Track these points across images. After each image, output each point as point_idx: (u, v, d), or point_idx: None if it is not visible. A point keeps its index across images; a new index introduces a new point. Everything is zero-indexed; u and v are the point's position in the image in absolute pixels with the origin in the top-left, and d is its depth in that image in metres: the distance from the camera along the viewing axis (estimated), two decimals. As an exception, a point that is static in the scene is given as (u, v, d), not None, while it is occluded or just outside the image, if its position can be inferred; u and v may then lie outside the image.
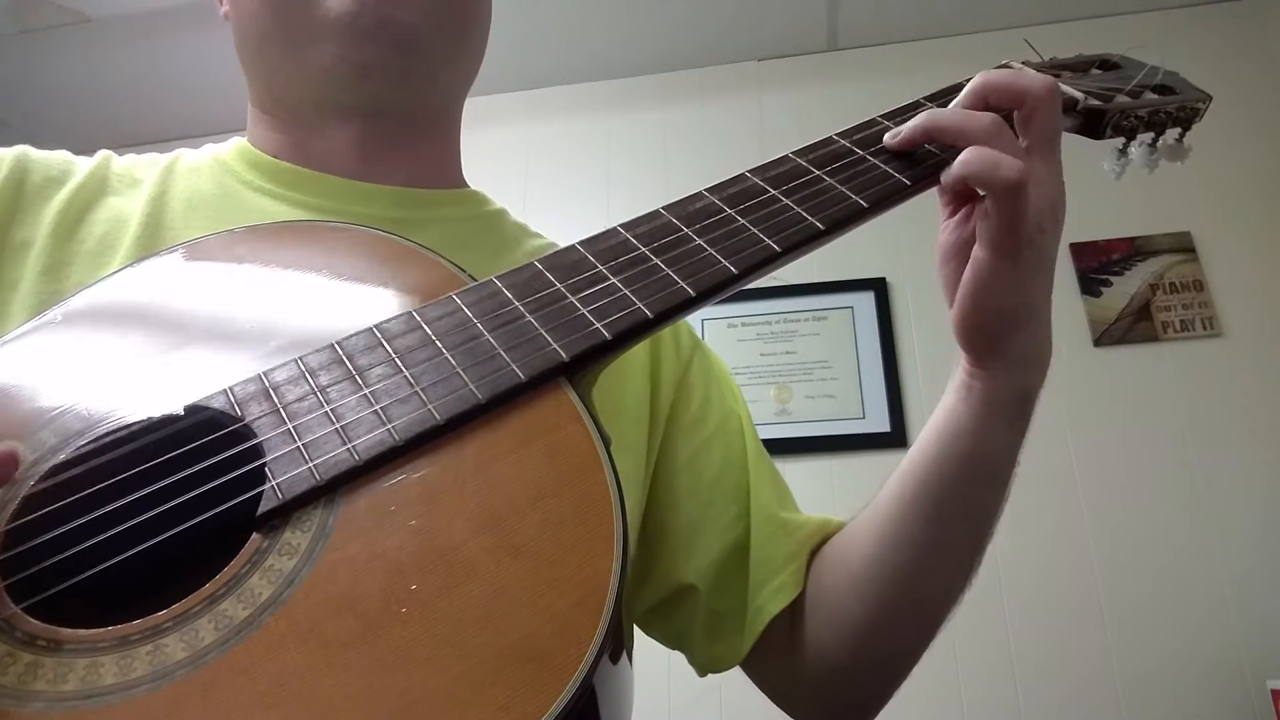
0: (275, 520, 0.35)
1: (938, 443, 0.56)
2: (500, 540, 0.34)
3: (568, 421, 0.39)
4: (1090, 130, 0.60)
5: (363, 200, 0.59)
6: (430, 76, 0.61)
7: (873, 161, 0.51)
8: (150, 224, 0.55)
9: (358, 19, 0.56)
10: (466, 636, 0.31)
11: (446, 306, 0.43)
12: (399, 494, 0.36)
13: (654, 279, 0.44)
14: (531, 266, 0.46)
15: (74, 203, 0.55)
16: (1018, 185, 0.46)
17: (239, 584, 0.33)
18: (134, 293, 0.46)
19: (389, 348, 0.41)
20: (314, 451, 0.37)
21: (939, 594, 0.58)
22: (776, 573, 0.61)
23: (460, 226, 0.63)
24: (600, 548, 0.34)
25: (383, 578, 0.33)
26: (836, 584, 0.60)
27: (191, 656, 0.31)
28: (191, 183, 0.59)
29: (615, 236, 0.47)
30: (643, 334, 0.43)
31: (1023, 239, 0.48)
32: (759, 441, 0.67)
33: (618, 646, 0.34)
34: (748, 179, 0.51)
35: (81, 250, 0.53)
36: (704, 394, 0.66)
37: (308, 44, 0.57)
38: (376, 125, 0.60)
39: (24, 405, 0.39)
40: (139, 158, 0.62)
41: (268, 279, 0.47)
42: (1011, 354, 0.52)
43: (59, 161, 0.58)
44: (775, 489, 0.65)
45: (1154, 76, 0.63)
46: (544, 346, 0.41)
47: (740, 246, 0.46)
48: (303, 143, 0.60)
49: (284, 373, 0.40)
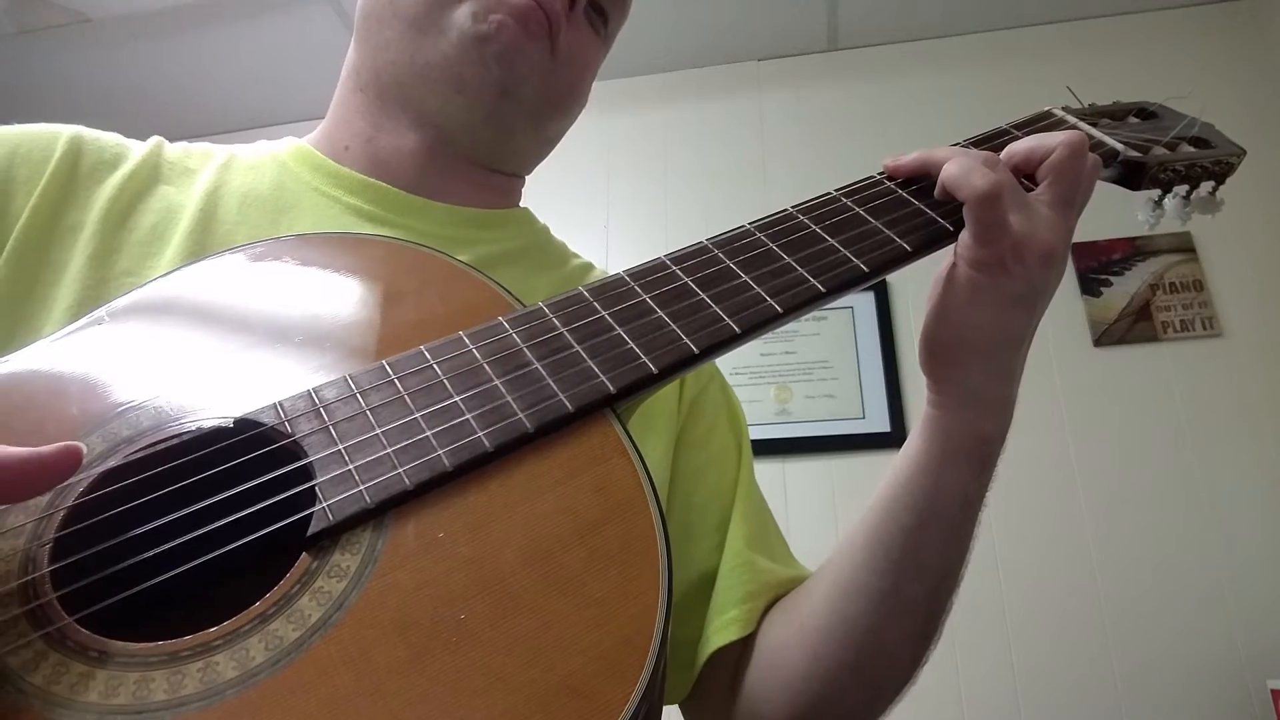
0: (325, 541, 0.35)
1: (893, 486, 0.54)
2: (547, 574, 0.34)
3: (614, 454, 0.39)
4: (1128, 182, 0.60)
5: (417, 214, 0.59)
6: (509, 130, 0.61)
7: (916, 205, 0.51)
8: (203, 218, 0.54)
9: (485, 43, 0.56)
10: (514, 670, 0.31)
11: (495, 332, 0.43)
12: (448, 520, 0.36)
13: (700, 315, 0.45)
14: (580, 295, 0.46)
15: (126, 189, 0.55)
16: (989, 195, 0.47)
17: (289, 604, 0.33)
18: (186, 296, 0.46)
19: (438, 370, 0.41)
20: (365, 474, 0.37)
21: (886, 657, 0.54)
22: (728, 608, 0.59)
23: (509, 245, 0.63)
24: (645, 587, 0.34)
25: (431, 606, 0.33)
26: (782, 634, 0.57)
27: (242, 676, 0.31)
28: (248, 180, 0.58)
29: (662, 269, 0.47)
30: (688, 368, 0.43)
31: (997, 257, 0.48)
32: (754, 482, 0.66)
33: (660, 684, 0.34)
34: (793, 215, 0.51)
35: (131, 239, 0.53)
36: (711, 420, 0.66)
37: (429, 36, 0.58)
38: (445, 145, 0.61)
39: (74, 406, 0.39)
40: (192, 146, 0.61)
41: (318, 290, 0.47)
42: (969, 386, 0.51)
43: (112, 144, 0.57)
44: (760, 529, 0.63)
45: (1191, 128, 0.63)
46: (592, 378, 0.41)
47: (786, 285, 0.46)
48: (374, 137, 0.61)
49: (334, 391, 0.40)
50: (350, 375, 0.41)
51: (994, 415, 0.52)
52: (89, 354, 0.42)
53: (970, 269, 0.49)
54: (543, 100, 0.61)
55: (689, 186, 2.31)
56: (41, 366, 0.41)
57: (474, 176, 0.63)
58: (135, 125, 0.63)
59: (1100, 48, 2.22)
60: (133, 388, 0.40)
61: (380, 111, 0.61)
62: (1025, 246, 0.48)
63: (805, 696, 0.55)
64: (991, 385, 0.51)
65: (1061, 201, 0.50)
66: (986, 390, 0.51)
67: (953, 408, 0.52)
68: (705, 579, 0.60)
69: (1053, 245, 0.49)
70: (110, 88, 2.44)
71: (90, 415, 0.39)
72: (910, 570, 0.53)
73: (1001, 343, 0.50)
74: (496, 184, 0.65)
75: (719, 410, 0.67)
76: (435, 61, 0.58)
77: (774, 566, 0.61)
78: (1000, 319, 0.49)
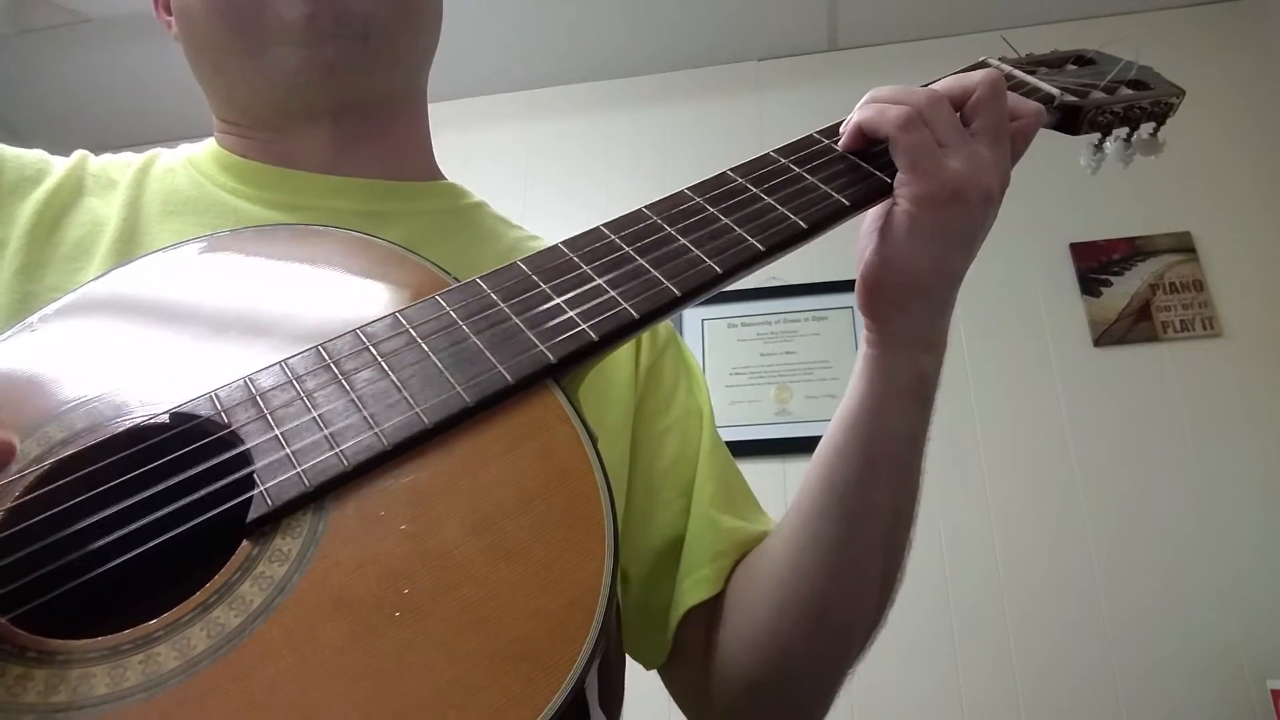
0: (265, 527, 0.35)
1: (838, 434, 0.55)
2: (492, 543, 0.34)
3: (556, 422, 0.39)
4: (1067, 126, 0.61)
5: (335, 195, 0.59)
6: (393, 61, 0.61)
7: (853, 159, 0.52)
8: (126, 228, 0.54)
9: (314, 19, 0.55)
10: (460, 640, 0.31)
11: (431, 309, 0.43)
12: (388, 499, 0.36)
13: (639, 279, 0.44)
14: (515, 267, 0.45)
15: (51, 203, 0.54)
16: (907, 120, 0.48)
17: (230, 591, 0.33)
18: (116, 297, 0.46)
19: (374, 351, 0.41)
20: (302, 458, 0.37)
21: (850, 601, 0.55)
22: (696, 569, 0.59)
23: (435, 220, 0.62)
24: (591, 549, 0.34)
25: (375, 582, 0.33)
26: (748, 590, 0.58)
27: (184, 665, 0.31)
28: (167, 184, 0.58)
29: (600, 237, 0.47)
30: (629, 334, 0.43)
31: (936, 193, 0.48)
32: (719, 441, 0.66)
33: (610, 645, 0.34)
34: (730, 178, 0.51)
35: (58, 254, 0.53)
36: (672, 384, 0.66)
37: (268, 50, 0.57)
38: (344, 121, 0.60)
39: (4, 413, 0.39)
40: (114, 158, 0.61)
41: (249, 283, 0.46)
42: (909, 325, 0.52)
43: (33, 160, 0.57)
44: (724, 489, 0.64)
45: (1128, 72, 0.64)
46: (530, 348, 0.41)
47: (725, 246, 0.46)
48: (271, 145, 0.60)
49: (269, 378, 0.40)
50: (285, 361, 0.41)
51: (932, 351, 0.53)
52: (20, 361, 0.42)
53: (911, 206, 0.49)
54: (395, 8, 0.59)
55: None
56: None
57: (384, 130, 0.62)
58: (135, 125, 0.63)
59: (1100, 48, 2.22)
60: (66, 391, 0.40)
61: (267, 127, 0.60)
62: (967, 184, 0.48)
63: (774, 651, 0.56)
64: (929, 323, 0.53)
65: (993, 138, 0.51)
66: (925, 328, 0.53)
67: (893, 348, 0.53)
68: (673, 543, 0.61)
69: (989, 182, 0.50)
70: (110, 88, 2.44)
71: (23, 420, 0.39)
72: (863, 513, 0.54)
73: (941, 281, 0.52)
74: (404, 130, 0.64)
75: (678, 375, 0.67)
76: (294, 67, 0.57)
77: (740, 524, 0.62)
78: (940, 258, 0.51)
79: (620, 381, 0.62)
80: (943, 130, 0.50)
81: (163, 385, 0.40)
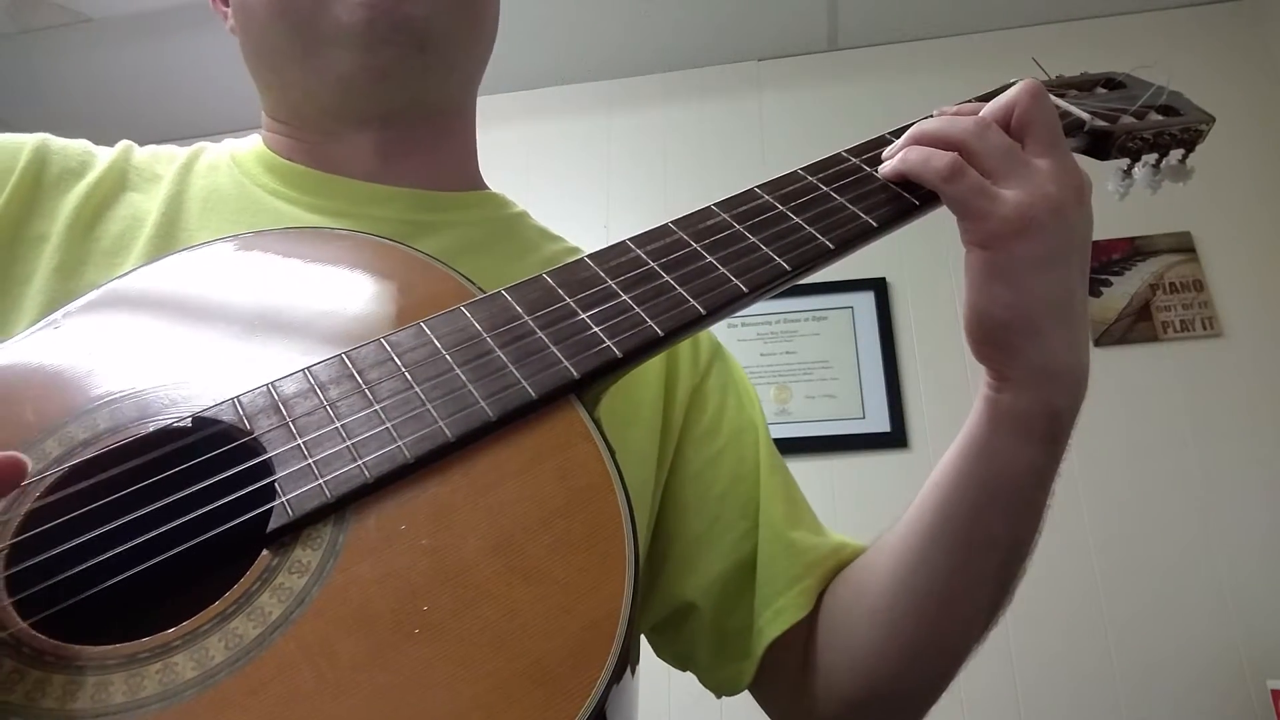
0: (285, 537, 0.35)
1: (959, 463, 0.52)
2: (511, 562, 0.34)
3: (578, 440, 0.38)
4: (1096, 151, 0.60)
5: (378, 203, 0.58)
6: (448, 70, 0.60)
7: (882, 180, 0.51)
8: (165, 224, 0.54)
9: (373, 24, 0.54)
10: (478, 660, 0.31)
11: (456, 320, 0.43)
12: (410, 512, 0.35)
13: (665, 297, 0.44)
14: (541, 280, 0.45)
15: (92, 197, 0.54)
16: (951, 172, 0.47)
17: (249, 602, 0.33)
18: (142, 296, 0.45)
19: (398, 361, 0.41)
20: (324, 468, 0.36)
21: (960, 631, 0.54)
22: (779, 594, 0.58)
23: (477, 230, 0.61)
24: (612, 571, 0.34)
25: (394, 598, 0.33)
26: (851, 611, 0.57)
27: (201, 676, 0.31)
28: (209, 182, 0.58)
29: (626, 252, 0.47)
30: (653, 351, 0.43)
31: (997, 230, 0.46)
32: (776, 455, 0.64)
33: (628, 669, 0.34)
34: (758, 195, 0.50)
35: (97, 249, 0.52)
36: (719, 403, 0.64)
37: (323, 53, 0.56)
38: (393, 128, 0.60)
39: (29, 412, 0.39)
40: (160, 150, 0.61)
41: (273, 285, 0.46)
42: (1030, 364, 0.48)
43: (78, 152, 0.57)
44: (788, 505, 0.62)
45: (1159, 97, 0.62)
46: (555, 364, 0.41)
47: (751, 265, 0.46)
48: (318, 148, 0.60)
49: (293, 384, 0.40)
50: (309, 369, 0.40)
51: (1064, 388, 0.49)
52: (45, 357, 0.42)
53: (980, 249, 0.47)
54: (453, 17, 0.58)
55: (689, 186, 2.31)
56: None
57: (432, 139, 0.62)
58: (135, 125, 0.63)
59: (1100, 48, 2.22)
60: (91, 389, 0.40)
61: (314, 134, 0.60)
62: (1030, 209, 0.46)
63: (883, 669, 0.55)
64: (1052, 357, 0.48)
65: (1048, 145, 0.49)
66: (1049, 363, 0.48)
67: (1014, 387, 0.49)
68: (742, 567, 0.59)
69: (1059, 195, 0.47)
70: (110, 88, 2.44)
71: (47, 419, 0.39)
72: (981, 545, 0.52)
73: (1043, 311, 0.47)
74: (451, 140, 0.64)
75: (726, 392, 0.65)
76: (348, 70, 0.56)
77: (815, 541, 0.61)
78: (1032, 289, 0.47)
79: (648, 401, 0.61)
80: (993, 160, 0.48)
81: (186, 387, 0.40)
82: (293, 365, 0.41)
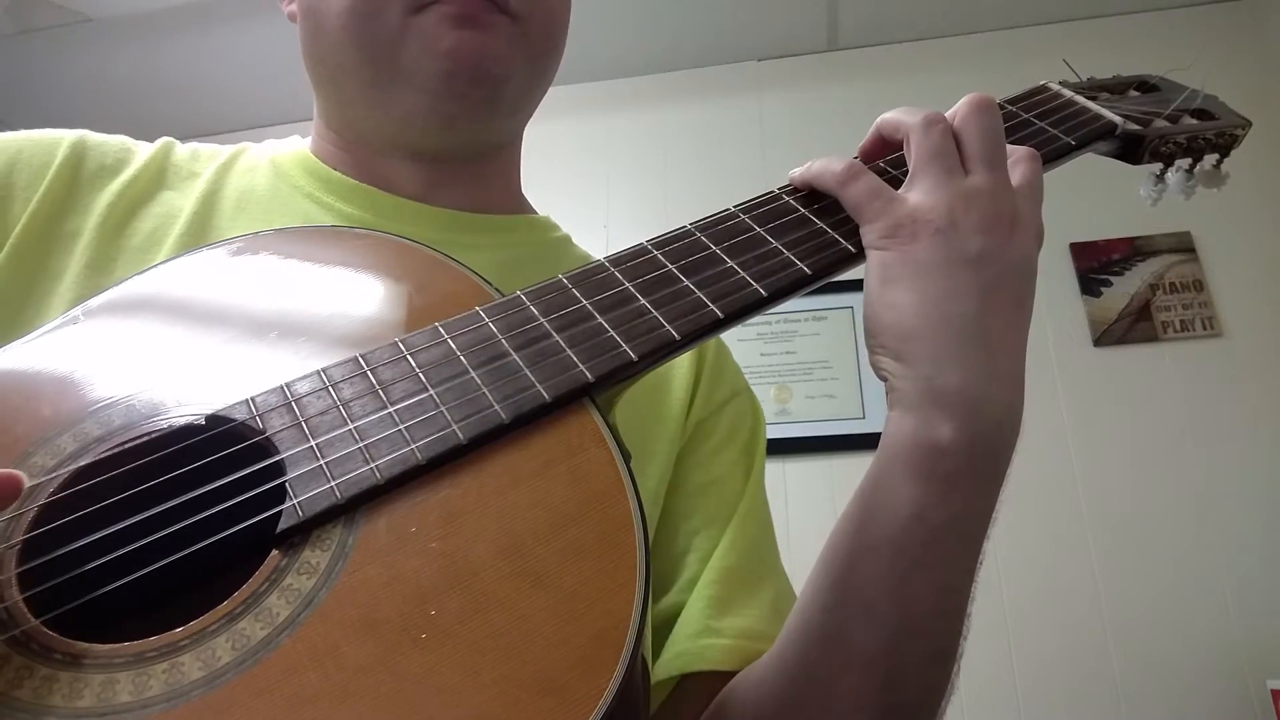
0: (295, 538, 0.35)
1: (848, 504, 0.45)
2: (521, 567, 0.34)
3: (591, 444, 0.38)
4: (1128, 156, 0.58)
5: (412, 219, 0.57)
6: (511, 114, 0.60)
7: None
8: (198, 222, 0.53)
9: (453, 75, 0.53)
10: (486, 666, 0.31)
11: (472, 321, 0.42)
12: (420, 515, 0.35)
13: (683, 300, 0.44)
14: (558, 282, 0.45)
15: (125, 195, 0.54)
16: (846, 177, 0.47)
17: (257, 602, 0.33)
18: (161, 292, 0.45)
19: (412, 362, 0.40)
20: (336, 469, 0.36)
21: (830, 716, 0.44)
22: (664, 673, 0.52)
23: (519, 253, 0.60)
24: (622, 578, 0.34)
25: (402, 602, 0.32)
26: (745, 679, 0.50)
27: (208, 676, 0.31)
28: (246, 182, 0.57)
29: (644, 254, 0.46)
30: (669, 355, 0.42)
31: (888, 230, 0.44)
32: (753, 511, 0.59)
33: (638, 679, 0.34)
34: (781, 198, 0.50)
35: (129, 246, 0.52)
36: (721, 442, 0.61)
37: (393, 88, 0.55)
38: (446, 161, 0.59)
39: (46, 407, 0.39)
40: (201, 148, 0.60)
41: (294, 284, 0.46)
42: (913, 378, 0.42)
43: (116, 148, 0.56)
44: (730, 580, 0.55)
45: (1193, 100, 0.61)
46: (570, 367, 0.40)
47: (771, 270, 0.45)
48: (365, 162, 0.59)
49: (307, 384, 0.40)
50: (324, 369, 0.40)
51: (957, 417, 0.41)
52: (62, 353, 0.42)
53: (871, 250, 0.45)
54: (526, 70, 0.58)
55: (689, 186, 2.31)
56: (13, 367, 0.41)
57: (481, 169, 0.61)
58: (135, 125, 0.63)
59: (1100, 48, 2.22)
60: (106, 386, 0.40)
61: (368, 148, 0.59)
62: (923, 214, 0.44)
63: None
64: (943, 378, 0.41)
65: (979, 162, 0.46)
66: (939, 384, 0.41)
67: (902, 409, 0.43)
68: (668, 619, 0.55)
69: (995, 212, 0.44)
70: (110, 88, 2.44)
71: (62, 415, 0.38)
72: (855, 609, 0.43)
73: (936, 323, 0.42)
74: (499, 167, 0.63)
75: (733, 433, 0.62)
76: (416, 112, 0.55)
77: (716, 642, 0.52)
78: (919, 291, 0.43)
79: (674, 404, 0.59)
80: (919, 158, 0.46)
81: (200, 386, 0.40)
82: (307, 365, 0.40)
